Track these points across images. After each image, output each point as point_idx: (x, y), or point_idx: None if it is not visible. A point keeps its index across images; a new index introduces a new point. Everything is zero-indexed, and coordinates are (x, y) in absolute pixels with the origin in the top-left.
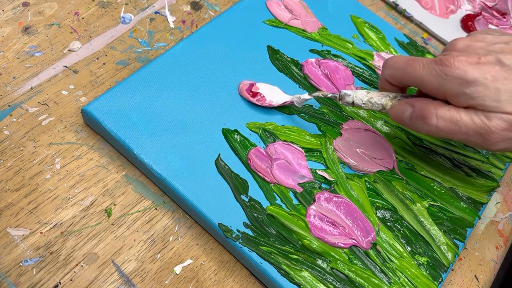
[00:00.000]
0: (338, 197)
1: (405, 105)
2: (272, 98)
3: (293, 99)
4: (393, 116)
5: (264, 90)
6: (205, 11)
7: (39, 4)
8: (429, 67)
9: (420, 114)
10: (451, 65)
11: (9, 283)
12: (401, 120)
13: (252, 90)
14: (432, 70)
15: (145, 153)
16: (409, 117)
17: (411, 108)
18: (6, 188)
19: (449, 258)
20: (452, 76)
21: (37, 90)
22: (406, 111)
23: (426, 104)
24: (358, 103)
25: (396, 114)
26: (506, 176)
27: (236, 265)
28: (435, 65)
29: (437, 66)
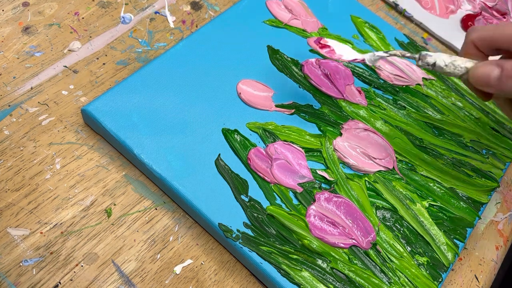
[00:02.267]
0: (338, 197)
1: (491, 65)
2: (341, 53)
3: (365, 57)
4: (477, 77)
5: (333, 44)
6: (205, 11)
7: (39, 4)
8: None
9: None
10: None
11: (9, 283)
12: (487, 80)
13: (321, 42)
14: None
15: (145, 153)
16: (497, 77)
17: (499, 68)
18: (6, 188)
19: (449, 258)
20: None
21: (37, 90)
22: (494, 71)
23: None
24: (440, 65)
25: (482, 74)
26: (506, 176)
27: (236, 265)
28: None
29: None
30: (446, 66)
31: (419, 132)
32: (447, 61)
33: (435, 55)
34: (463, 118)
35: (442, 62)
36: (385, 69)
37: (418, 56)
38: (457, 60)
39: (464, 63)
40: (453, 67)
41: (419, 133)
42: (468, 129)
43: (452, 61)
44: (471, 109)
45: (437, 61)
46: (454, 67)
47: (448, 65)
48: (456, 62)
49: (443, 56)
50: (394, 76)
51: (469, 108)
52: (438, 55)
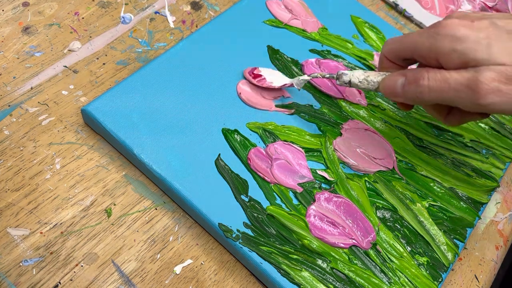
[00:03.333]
0: (338, 197)
1: (397, 75)
2: (272, 80)
3: (292, 82)
4: (385, 88)
5: (265, 72)
6: (205, 11)
7: (39, 4)
8: (422, 32)
9: (412, 78)
10: (443, 25)
11: (9, 283)
12: (393, 90)
13: (254, 73)
14: (424, 33)
15: (145, 153)
16: (401, 85)
17: (403, 77)
18: (6, 188)
19: (449, 258)
20: (443, 34)
21: (37, 90)
22: (398, 80)
23: (419, 69)
24: (354, 82)
25: (388, 85)
26: (506, 176)
27: (236, 265)
28: (428, 29)
29: (430, 29)
30: (360, 83)
31: (419, 132)
32: (360, 78)
33: (350, 73)
34: None
35: (356, 79)
36: None
37: (336, 76)
38: (369, 76)
39: (376, 77)
40: (367, 82)
41: (419, 133)
42: (468, 129)
43: (365, 77)
44: None
45: (352, 79)
46: (367, 83)
47: (362, 81)
48: (369, 78)
49: (358, 73)
50: None
51: None
52: (353, 73)
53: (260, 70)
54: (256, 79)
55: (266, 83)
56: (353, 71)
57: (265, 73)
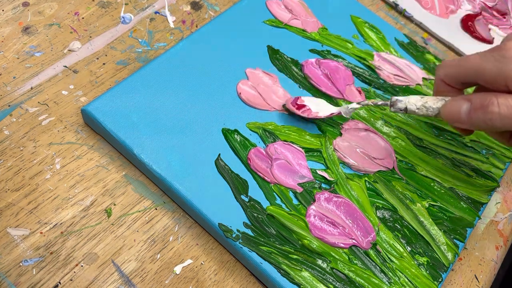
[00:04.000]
0: (338, 197)
1: (461, 100)
2: (317, 110)
3: (340, 110)
4: (447, 113)
5: (309, 102)
6: (205, 11)
7: (39, 4)
8: (485, 55)
9: (480, 104)
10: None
11: (9, 283)
12: (457, 116)
13: (298, 103)
14: (489, 57)
15: (145, 153)
16: (466, 111)
17: (468, 103)
18: (6, 188)
19: (449, 258)
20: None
21: (37, 90)
22: (463, 106)
23: (485, 94)
24: (411, 109)
25: (451, 111)
26: (506, 176)
27: (236, 265)
28: (491, 52)
29: (493, 53)
30: (418, 109)
31: (419, 132)
32: (418, 104)
33: (405, 100)
34: None
35: (413, 106)
36: (385, 69)
37: (390, 103)
38: (428, 102)
39: (435, 103)
40: (425, 109)
41: (419, 133)
42: None
43: (423, 104)
44: None
45: (408, 106)
46: (426, 109)
47: (420, 108)
48: (427, 104)
49: (414, 100)
50: (394, 76)
51: None
52: (408, 99)
53: (303, 100)
54: (300, 110)
55: (312, 114)
56: (408, 97)
57: (309, 103)
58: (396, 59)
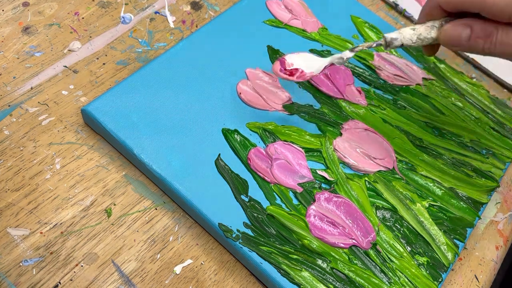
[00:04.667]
0: (338, 197)
1: (461, 26)
2: (311, 69)
3: (333, 61)
4: (448, 37)
5: (298, 63)
6: (205, 11)
7: (39, 4)
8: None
9: (482, 34)
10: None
11: (9, 283)
12: (458, 41)
13: (287, 68)
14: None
15: (145, 153)
16: (467, 37)
17: (469, 28)
18: (6, 188)
19: (449, 258)
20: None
21: (37, 90)
22: (464, 31)
23: (487, 24)
24: (408, 44)
25: (452, 36)
26: (506, 176)
27: (236, 265)
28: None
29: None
30: (414, 43)
31: (419, 132)
32: (414, 39)
33: (399, 36)
34: (463, 118)
35: (409, 41)
36: (385, 69)
37: (385, 43)
38: (421, 33)
39: (429, 33)
40: (420, 41)
41: (419, 133)
42: (468, 129)
43: (418, 36)
44: (471, 109)
45: (404, 42)
46: (421, 41)
47: (416, 41)
48: (421, 36)
49: (408, 34)
50: (394, 76)
51: (469, 108)
52: (403, 35)
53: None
54: (294, 76)
55: (307, 75)
56: (401, 33)
57: (297, 62)
58: (396, 59)
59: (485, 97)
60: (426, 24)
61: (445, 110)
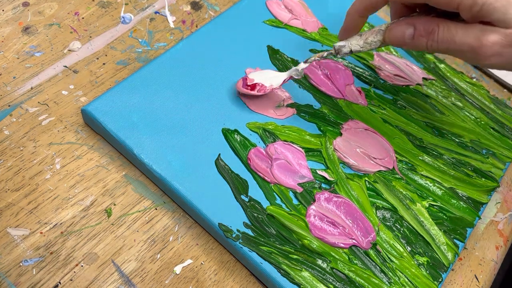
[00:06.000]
0: (338, 197)
1: (405, 25)
2: (271, 82)
3: (291, 74)
4: (392, 37)
5: (259, 78)
6: (205, 11)
7: (39, 4)
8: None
9: (424, 32)
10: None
11: (9, 283)
12: (402, 40)
13: (248, 84)
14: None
15: (145, 153)
16: (410, 36)
17: (412, 27)
18: (6, 188)
19: (449, 258)
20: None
21: (37, 90)
22: (407, 31)
23: (428, 21)
24: (356, 49)
25: (396, 35)
26: (506, 176)
27: (236, 265)
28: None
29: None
30: (362, 48)
31: (419, 132)
32: (360, 44)
33: (347, 43)
34: (463, 118)
35: (357, 47)
36: (385, 69)
37: (334, 51)
38: (368, 38)
39: (375, 36)
40: (368, 45)
41: (419, 133)
42: (468, 129)
43: (364, 41)
44: (471, 109)
45: (352, 48)
46: (369, 45)
47: (363, 46)
48: (368, 40)
49: (355, 41)
50: (394, 76)
51: (469, 108)
52: (350, 41)
53: (252, 78)
54: (255, 90)
55: (267, 89)
56: (348, 40)
57: (258, 78)
58: (396, 59)
59: (485, 97)
60: (373, 29)
61: (445, 110)
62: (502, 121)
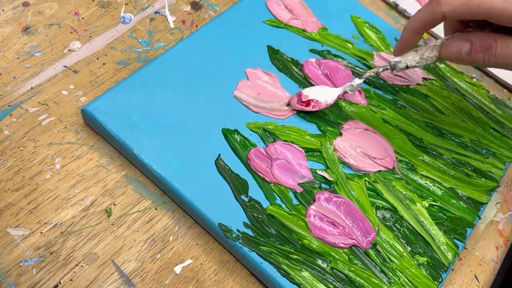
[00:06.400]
0: (338, 197)
1: (461, 41)
2: (326, 98)
3: (345, 89)
4: (449, 53)
5: (313, 94)
6: (205, 11)
7: (39, 4)
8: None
9: (481, 47)
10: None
11: (9, 283)
12: (459, 56)
13: (303, 100)
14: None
15: (145, 153)
16: (467, 52)
17: (469, 43)
18: (6, 188)
19: (449, 258)
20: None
21: (37, 90)
22: (464, 47)
23: (485, 36)
24: (412, 65)
25: (452, 51)
26: (506, 176)
27: (236, 265)
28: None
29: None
30: (418, 63)
31: (419, 132)
32: (416, 59)
33: (403, 59)
34: (463, 118)
35: (413, 62)
36: None
37: (390, 67)
38: (424, 53)
39: (431, 52)
40: (424, 60)
41: (419, 133)
42: (468, 129)
43: (420, 57)
44: (471, 109)
45: (409, 63)
46: (425, 60)
47: (419, 61)
48: (424, 56)
49: (411, 56)
50: (394, 76)
51: (469, 108)
52: (406, 57)
53: (306, 95)
54: (310, 106)
55: (322, 105)
56: (404, 56)
57: (312, 94)
58: None
59: (485, 97)
60: (429, 44)
61: (445, 110)
62: (502, 121)
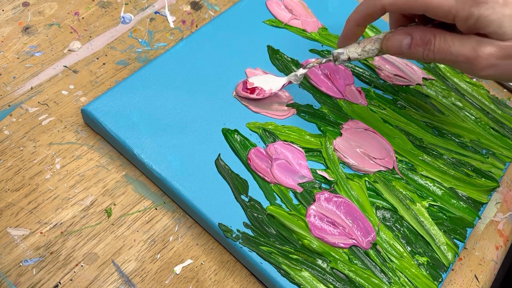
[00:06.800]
0: (338, 197)
1: (402, 35)
2: (270, 86)
3: (290, 79)
4: (390, 46)
5: (259, 82)
6: (205, 11)
7: (39, 4)
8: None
9: (420, 41)
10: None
11: (9, 283)
12: (399, 49)
13: (248, 87)
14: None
15: (145, 153)
16: (407, 45)
17: (409, 37)
18: (6, 188)
19: (449, 258)
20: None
21: (37, 90)
22: (404, 41)
23: (425, 31)
24: (354, 57)
25: (393, 44)
26: (506, 176)
27: (236, 265)
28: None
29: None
30: (360, 55)
31: (419, 132)
32: (358, 51)
33: (345, 51)
34: (463, 118)
35: (355, 54)
36: (385, 69)
37: (332, 58)
38: (366, 46)
39: (373, 45)
40: (366, 53)
41: (419, 133)
42: (468, 129)
43: (362, 49)
44: (471, 109)
45: (350, 55)
46: (367, 53)
47: (361, 54)
48: (366, 48)
49: (353, 48)
50: (394, 76)
51: (469, 108)
52: (348, 49)
53: (253, 82)
54: (254, 93)
55: (266, 93)
56: (347, 48)
57: (258, 82)
58: (396, 59)
59: (485, 97)
60: (372, 37)
61: (445, 110)
62: (502, 121)
